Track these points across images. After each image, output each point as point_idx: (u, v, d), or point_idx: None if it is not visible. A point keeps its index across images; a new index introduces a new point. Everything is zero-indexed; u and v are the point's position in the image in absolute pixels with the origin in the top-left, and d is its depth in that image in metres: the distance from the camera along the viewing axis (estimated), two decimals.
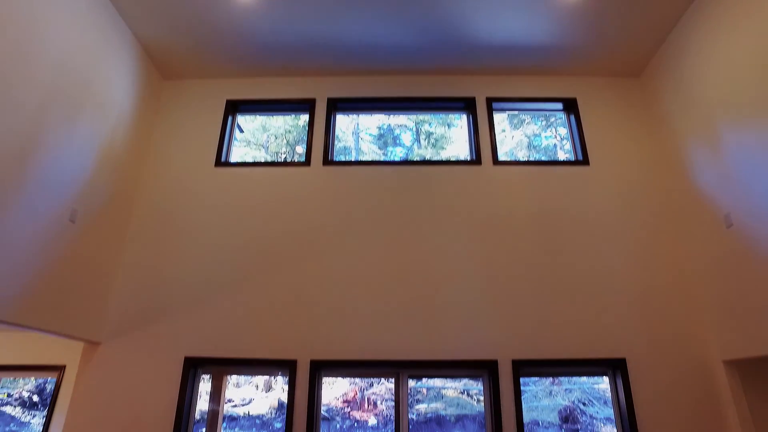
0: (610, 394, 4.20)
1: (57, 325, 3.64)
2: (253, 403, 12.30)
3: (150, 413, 4.01)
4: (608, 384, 4.21)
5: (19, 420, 11.29)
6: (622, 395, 3.99)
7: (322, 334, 4.16)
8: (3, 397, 11.40)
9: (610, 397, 4.15)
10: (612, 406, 4.18)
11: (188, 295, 4.32)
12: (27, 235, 3.32)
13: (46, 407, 11.52)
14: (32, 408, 11.42)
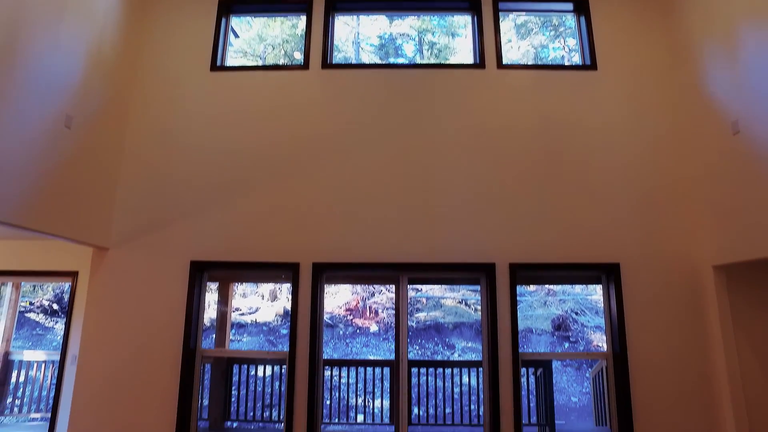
0: (602, 304, 4.36)
1: (64, 230, 3.71)
2: (260, 312, 12.96)
3: (160, 317, 4.20)
4: (601, 295, 4.35)
5: (43, 325, 12.00)
6: (614, 300, 4.14)
7: (324, 239, 4.25)
8: (26, 305, 12.04)
9: (602, 306, 4.31)
10: (603, 315, 4.35)
11: (192, 200, 4.36)
12: (24, 141, 3.29)
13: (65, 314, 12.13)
14: (53, 315, 12.12)
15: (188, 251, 4.27)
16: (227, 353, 6.11)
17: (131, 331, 4.18)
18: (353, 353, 11.58)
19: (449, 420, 6.72)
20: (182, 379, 4.06)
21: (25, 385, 7.08)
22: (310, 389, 4.01)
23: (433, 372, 6.67)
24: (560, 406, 9.99)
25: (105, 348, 4.16)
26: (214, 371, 5.71)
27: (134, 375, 4.10)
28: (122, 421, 4.03)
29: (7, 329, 6.10)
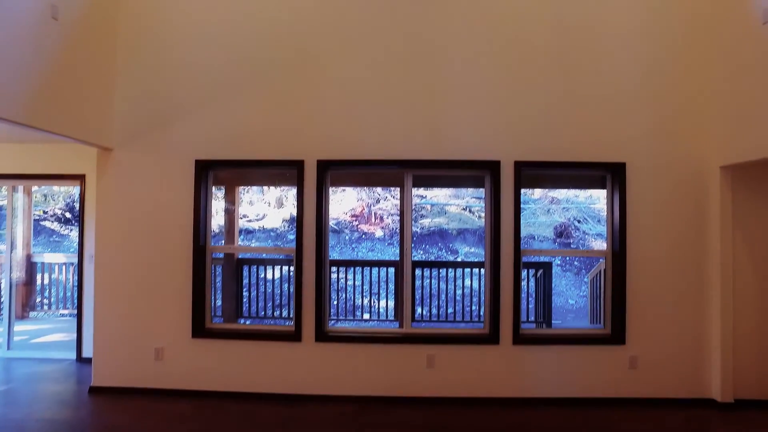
0: (604, 213, 4.37)
1: (64, 128, 3.68)
2: (267, 218, 13.23)
3: (169, 216, 4.28)
4: (604, 204, 4.35)
5: (59, 233, 12.38)
6: (617, 200, 4.17)
7: (329, 136, 4.21)
8: (40, 214, 12.33)
9: (604, 214, 4.33)
10: (605, 223, 4.39)
11: (194, 97, 4.27)
12: (12, 35, 3.17)
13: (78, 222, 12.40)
14: (67, 223, 12.44)
15: (192, 150, 4.26)
16: (236, 249, 6.33)
17: (142, 230, 4.30)
18: (359, 258, 11.96)
19: (451, 318, 7.11)
20: (194, 275, 4.24)
21: (50, 285, 7.47)
22: (318, 286, 4.20)
23: (436, 275, 6.92)
24: (558, 307, 10.45)
25: (119, 247, 4.31)
26: (225, 272, 5.95)
27: (150, 273, 4.28)
28: (142, 316, 4.28)
29: (26, 233, 6.30)
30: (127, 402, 4.08)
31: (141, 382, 4.27)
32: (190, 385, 4.24)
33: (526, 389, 4.14)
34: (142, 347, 4.27)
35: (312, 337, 4.17)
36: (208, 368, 4.24)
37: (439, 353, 4.14)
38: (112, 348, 4.30)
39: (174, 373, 4.25)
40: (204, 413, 3.87)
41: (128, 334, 4.29)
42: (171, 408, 3.96)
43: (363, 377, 4.17)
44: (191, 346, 4.23)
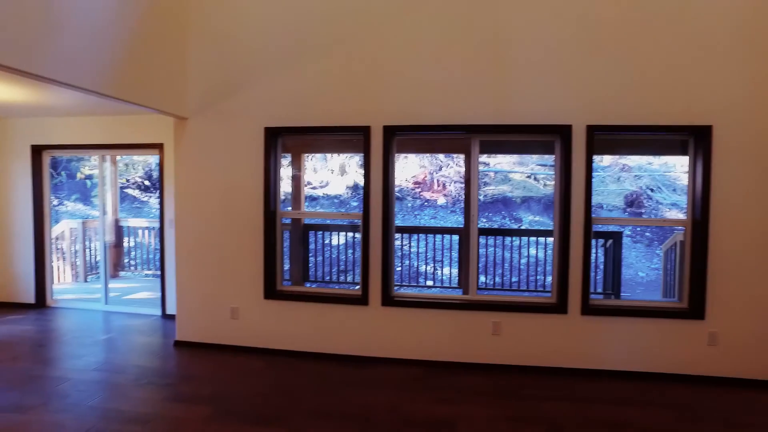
0: (681, 181, 4.08)
1: (145, 99, 3.89)
2: (330, 185, 13.48)
3: (241, 182, 4.46)
4: (680, 171, 4.06)
5: (140, 199, 13.27)
6: (700, 166, 3.89)
7: (395, 102, 4.18)
8: (123, 182, 13.25)
9: (681, 183, 4.05)
10: (681, 192, 4.11)
11: (262, 66, 4.36)
12: (98, 12, 3.34)
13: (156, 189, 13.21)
14: (146, 190, 13.29)
15: (262, 118, 4.38)
16: (305, 215, 6.54)
17: (217, 196, 4.51)
18: (421, 225, 11.99)
19: (515, 287, 7.03)
20: (266, 239, 4.43)
21: (135, 247, 8.08)
22: (384, 252, 4.26)
23: (500, 243, 6.84)
24: (627, 280, 10.04)
25: (197, 212, 4.56)
26: (292, 237, 6.17)
27: (225, 237, 4.51)
28: (219, 277, 4.55)
29: (114, 200, 6.81)
30: (206, 356, 4.40)
31: (218, 338, 4.58)
32: (263, 343, 4.49)
33: (595, 361, 4.05)
34: (219, 307, 4.56)
35: (378, 301, 4.28)
36: (279, 328, 4.46)
37: (505, 321, 4.13)
38: (193, 307, 4.63)
39: (248, 331, 4.51)
40: (275, 369, 4.10)
41: (207, 295, 4.58)
42: (245, 363, 4.22)
43: (428, 342, 4.24)
44: (263, 307, 4.47)
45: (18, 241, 6.09)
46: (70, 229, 7.63)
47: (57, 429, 3.05)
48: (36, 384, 3.76)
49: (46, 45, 2.93)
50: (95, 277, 7.76)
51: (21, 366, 4.14)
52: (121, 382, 3.80)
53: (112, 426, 3.09)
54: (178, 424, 3.13)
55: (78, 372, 4.00)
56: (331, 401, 3.50)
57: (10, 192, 6.09)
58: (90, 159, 11.21)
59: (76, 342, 4.79)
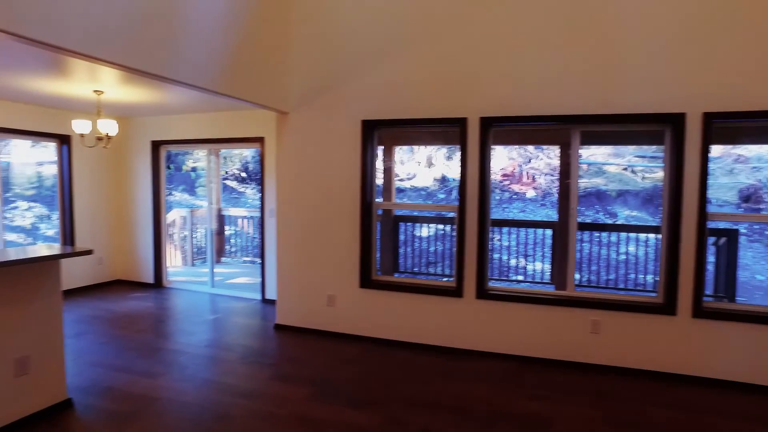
0: None
1: (251, 95, 4.16)
2: (417, 178, 13.53)
3: (339, 173, 4.63)
4: None
5: (237, 190, 14.16)
6: None
7: (491, 93, 4.11)
8: (222, 174, 14.24)
9: None
10: None
11: (360, 61, 4.49)
12: (210, 15, 3.61)
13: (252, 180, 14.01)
14: (243, 181, 14.16)
15: (359, 111, 4.51)
16: (401, 206, 6.67)
17: (316, 187, 4.72)
18: (509, 218, 11.71)
19: (612, 285, 6.67)
20: (362, 229, 4.57)
21: (234, 235, 8.66)
22: (480, 244, 4.24)
23: (595, 239, 6.53)
24: (742, 283, 9.16)
25: (297, 203, 4.81)
26: (383, 228, 6.29)
27: (323, 226, 4.72)
28: (317, 266, 4.77)
29: (217, 190, 7.35)
30: (304, 340, 4.63)
31: (315, 324, 4.81)
32: (357, 330, 4.65)
33: (705, 368, 3.75)
34: (316, 294, 4.78)
35: (473, 293, 4.26)
36: (373, 316, 4.60)
37: (605, 320, 3.95)
38: (292, 293, 4.89)
39: (343, 318, 4.69)
40: (369, 356, 4.23)
41: (305, 282, 4.82)
42: (341, 349, 4.40)
43: (522, 337, 4.17)
44: (359, 296, 4.62)
45: (140, 227, 6.76)
46: (180, 217, 8.35)
47: (181, 396, 3.38)
48: (158, 354, 4.18)
49: (170, 49, 3.22)
50: (200, 261, 8.43)
51: (145, 338, 4.62)
52: (229, 359, 4.12)
53: (225, 398, 3.36)
54: (281, 401, 3.33)
55: (192, 347, 4.39)
56: (425, 390, 3.55)
57: (134, 183, 6.77)
58: (193, 153, 12.14)
59: (188, 320, 5.25)
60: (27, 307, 2.92)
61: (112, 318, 5.25)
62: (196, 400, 3.32)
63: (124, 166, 6.83)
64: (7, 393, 2.84)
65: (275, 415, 3.13)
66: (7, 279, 2.80)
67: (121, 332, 4.77)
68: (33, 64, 3.84)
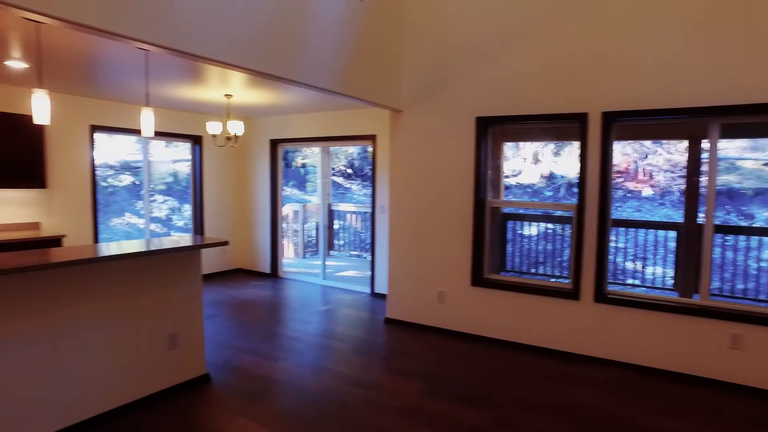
0: None
1: (368, 94, 4.29)
2: (522, 174, 13.08)
3: (452, 170, 4.63)
4: None
5: (343, 186, 14.70)
6: None
7: (615, 85, 3.84)
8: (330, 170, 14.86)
9: None
10: None
11: (473, 56, 4.44)
12: (331, 18, 3.77)
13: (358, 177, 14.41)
14: (348, 178, 14.65)
15: (473, 108, 4.46)
16: (515, 204, 6.52)
17: (429, 184, 4.76)
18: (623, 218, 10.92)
19: (751, 296, 5.96)
20: (475, 227, 4.53)
21: (341, 229, 9.00)
22: (600, 245, 4.01)
23: (729, 244, 5.87)
24: None
25: (409, 199, 4.88)
26: (490, 226, 6.17)
27: (435, 223, 4.75)
28: (428, 262, 4.81)
29: (327, 186, 7.68)
30: (414, 334, 4.70)
31: (425, 319, 4.86)
32: (467, 328, 4.62)
33: None
34: (427, 289, 4.82)
35: (591, 296, 4.05)
36: (484, 315, 4.54)
37: (748, 334, 3.54)
38: (402, 288, 4.98)
39: (453, 315, 4.69)
40: (479, 354, 4.19)
41: (416, 277, 4.88)
42: (451, 346, 4.40)
43: (643, 346, 3.87)
44: (469, 293, 4.59)
45: (259, 220, 7.29)
46: (293, 211, 8.85)
47: (300, 380, 3.60)
48: (278, 340, 4.48)
49: (297, 54, 3.42)
50: (310, 254, 8.88)
51: (265, 324, 4.97)
52: (343, 349, 4.30)
53: (341, 386, 3.52)
54: (394, 393, 3.42)
55: (308, 335, 4.64)
56: (538, 394, 3.44)
57: (254, 179, 7.31)
58: (302, 150, 12.79)
59: (303, 309, 5.56)
60: (176, 289, 3.28)
61: (236, 303, 5.72)
62: (314, 385, 3.52)
63: (246, 164, 7.39)
64: (162, 364, 3.23)
65: (389, 406, 3.22)
66: (163, 264, 3.17)
67: (245, 317, 5.18)
68: (177, 75, 4.29)
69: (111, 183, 8.04)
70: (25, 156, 4.84)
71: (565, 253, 6.71)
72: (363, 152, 13.53)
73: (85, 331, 2.80)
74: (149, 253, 2.92)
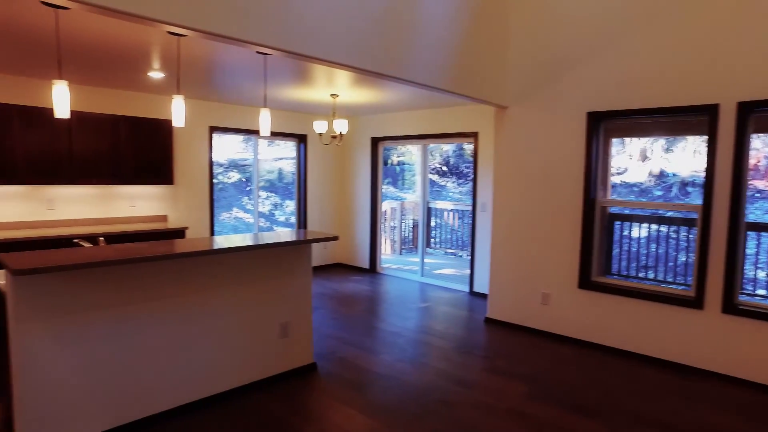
0: None
1: (474, 91, 4.23)
2: (628, 172, 12.19)
3: (559, 168, 4.43)
4: None
5: (438, 183, 14.71)
6: None
7: (754, 73, 3.42)
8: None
9: None
10: None
11: (584, 48, 4.19)
12: (439, 14, 3.75)
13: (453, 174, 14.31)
14: (443, 175, 14.62)
15: (584, 102, 4.23)
16: (629, 204, 6.07)
17: (534, 182, 4.59)
18: (753, 221, 9.78)
19: None
20: (583, 227, 4.31)
21: (436, 227, 8.99)
22: (730, 250, 3.61)
23: None
24: None
25: (513, 197, 4.75)
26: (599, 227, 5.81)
27: (540, 222, 4.57)
28: (532, 262, 4.65)
29: (424, 184, 7.70)
30: (516, 336, 4.57)
31: (527, 321, 4.70)
32: (572, 332, 4.41)
33: None
34: (530, 291, 4.67)
35: (717, 306, 3.67)
36: (591, 320, 4.30)
37: None
38: (504, 288, 4.86)
39: (558, 319, 4.49)
40: (586, 361, 3.97)
41: (519, 278, 4.74)
42: (556, 350, 4.22)
43: None
44: (576, 296, 4.37)
45: (359, 216, 7.49)
46: (391, 208, 8.99)
47: (403, 375, 3.65)
48: (379, 334, 4.57)
49: (405, 52, 3.45)
50: (406, 251, 8.97)
51: (366, 318, 5.10)
52: (443, 347, 4.29)
53: (443, 384, 3.51)
54: (499, 394, 3.34)
55: (408, 331, 4.69)
56: (655, 409, 3.18)
57: (355, 177, 7.52)
58: (397, 148, 12.94)
59: (402, 305, 5.63)
60: (289, 280, 3.47)
61: (338, 297, 5.92)
62: (417, 382, 3.54)
63: (347, 161, 7.63)
64: (274, 350, 3.44)
65: (494, 407, 3.16)
66: (279, 256, 3.38)
67: (346, 310, 5.35)
68: (287, 77, 4.52)
69: (221, 180, 8.70)
70: (158, 156, 5.38)
71: (679, 257, 6.15)
72: (458, 149, 13.41)
73: (210, 315, 3.05)
74: (270, 245, 3.14)
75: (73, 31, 3.13)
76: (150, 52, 3.67)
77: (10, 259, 2.24)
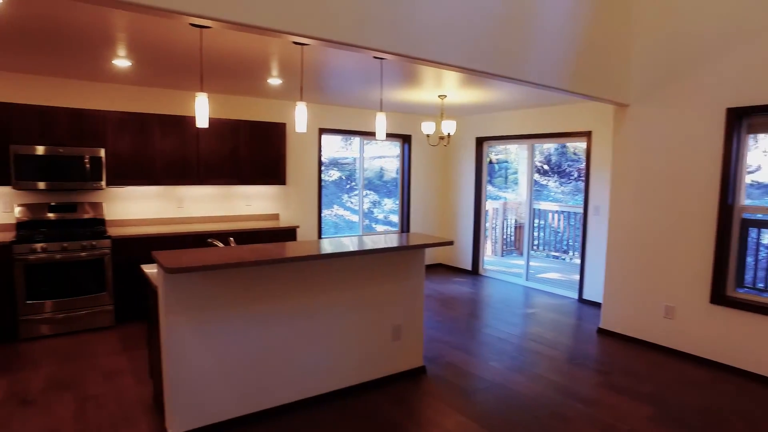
0: None
1: (593, 89, 3.98)
2: (762, 170, 10.86)
3: (688, 172, 4.04)
4: None
5: (539, 183, 14.20)
6: None
7: None
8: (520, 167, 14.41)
9: None
10: None
11: (719, 41, 3.78)
12: (557, 12, 3.57)
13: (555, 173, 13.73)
14: (545, 174, 14.05)
15: (722, 98, 3.82)
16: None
17: (658, 185, 4.24)
18: None
19: None
20: (719, 236, 3.90)
21: (539, 228, 8.65)
22: None
23: None
24: None
25: (633, 200, 4.42)
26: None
27: (664, 228, 4.22)
28: (653, 271, 4.31)
29: (529, 184, 7.44)
30: (634, 351, 4.26)
31: (647, 335, 4.36)
32: (703, 352, 4.01)
33: None
34: (650, 302, 4.32)
35: None
36: (727, 339, 3.88)
37: None
38: (620, 297, 4.55)
39: (685, 335, 4.12)
40: (720, 386, 3.60)
41: (637, 288, 4.41)
42: (683, 370, 3.87)
43: None
44: (708, 312, 3.97)
45: (462, 217, 7.42)
46: (493, 209, 8.80)
47: (514, 384, 3.55)
48: (486, 339, 4.48)
49: (521, 53, 3.33)
50: (507, 252, 8.73)
51: (472, 321, 5.03)
52: (555, 357, 4.11)
53: (558, 397, 3.36)
54: (621, 414, 3.13)
55: (516, 338, 4.55)
56: None
57: (459, 177, 7.46)
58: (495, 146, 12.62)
59: (507, 310, 5.48)
60: (402, 283, 3.52)
61: (441, 299, 5.91)
62: (530, 393, 3.43)
63: (451, 162, 7.57)
64: (387, 352, 3.50)
65: (615, 428, 2.96)
66: (394, 259, 3.43)
67: (451, 313, 5.32)
68: (396, 80, 4.56)
69: (322, 178, 9.04)
70: (273, 157, 5.71)
71: None
72: (560, 147, 12.78)
73: (330, 315, 3.18)
74: (391, 249, 3.20)
75: (210, 45, 3.40)
76: (273, 61, 3.89)
77: (164, 258, 2.49)
